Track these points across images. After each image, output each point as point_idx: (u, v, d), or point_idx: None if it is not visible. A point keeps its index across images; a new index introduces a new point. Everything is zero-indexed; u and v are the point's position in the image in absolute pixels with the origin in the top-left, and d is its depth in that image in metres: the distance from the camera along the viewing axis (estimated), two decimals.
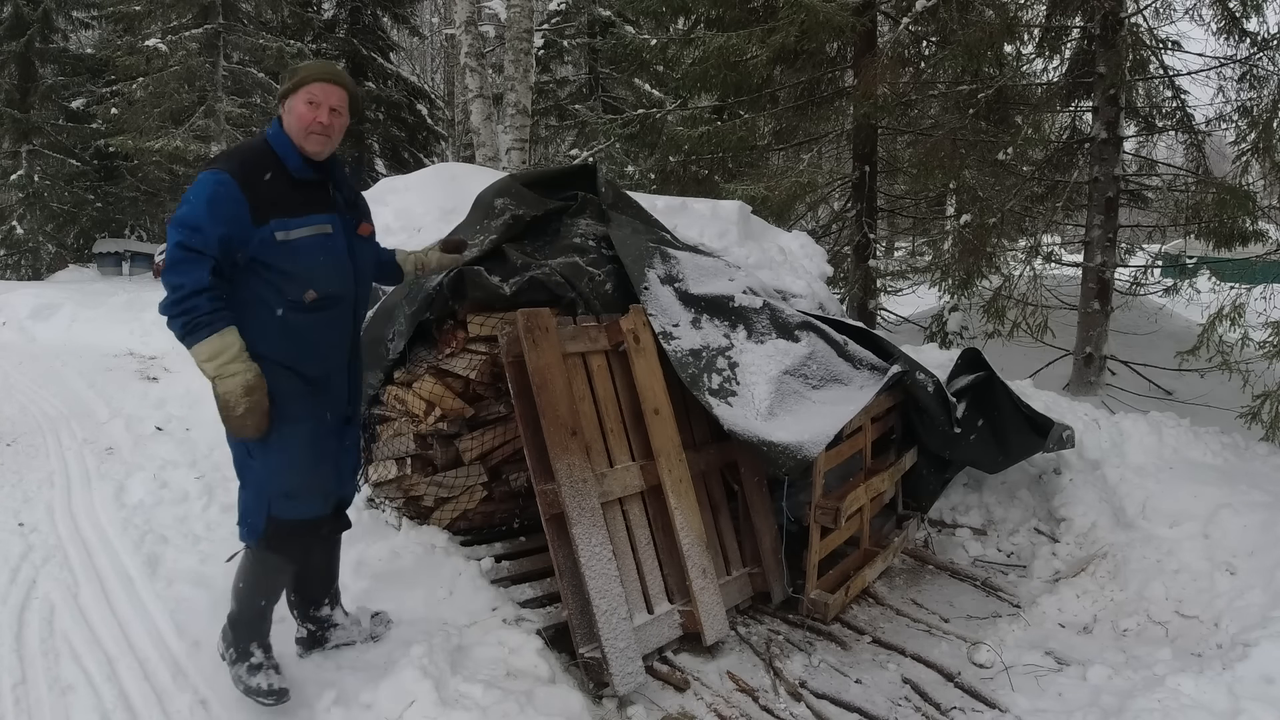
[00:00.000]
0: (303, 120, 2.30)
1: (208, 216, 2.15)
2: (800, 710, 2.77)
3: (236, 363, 2.17)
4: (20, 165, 16.42)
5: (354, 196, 2.56)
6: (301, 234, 2.29)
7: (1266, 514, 3.51)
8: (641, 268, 3.43)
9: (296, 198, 2.31)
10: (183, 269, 2.14)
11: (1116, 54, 6.34)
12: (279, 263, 2.26)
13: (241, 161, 2.27)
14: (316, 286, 2.32)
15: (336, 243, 2.38)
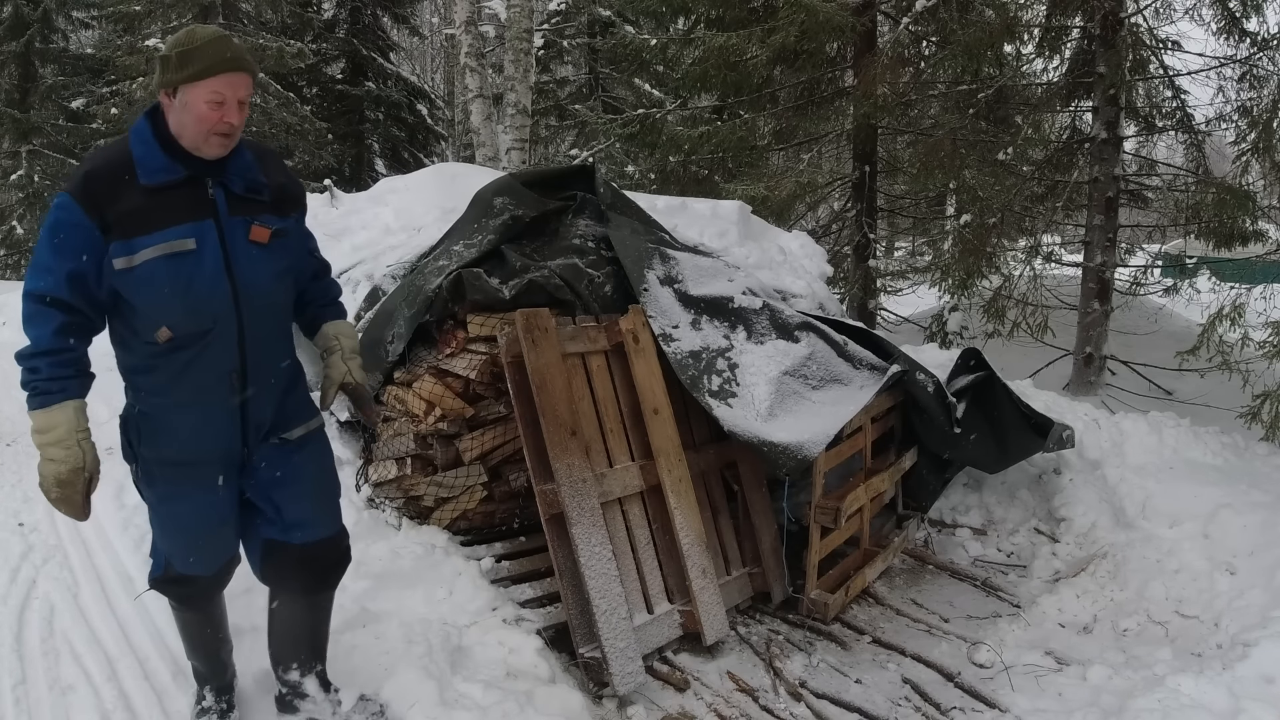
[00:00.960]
0: (205, 122, 1.86)
1: (50, 252, 1.83)
2: (800, 710, 2.77)
3: (57, 448, 1.87)
4: (20, 165, 16.41)
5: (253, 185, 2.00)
6: (145, 256, 1.84)
7: (1266, 514, 3.51)
8: (641, 269, 3.43)
9: (147, 210, 1.86)
10: (29, 323, 1.86)
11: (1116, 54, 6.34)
12: (126, 295, 1.87)
13: (86, 175, 1.86)
14: (171, 322, 1.89)
15: (201, 260, 1.89)
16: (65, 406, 1.88)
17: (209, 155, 1.91)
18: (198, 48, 1.85)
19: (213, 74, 1.85)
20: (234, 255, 1.95)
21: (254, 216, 1.99)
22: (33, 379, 1.86)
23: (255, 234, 1.99)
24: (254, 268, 1.98)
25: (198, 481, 2.06)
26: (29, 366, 1.86)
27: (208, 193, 1.93)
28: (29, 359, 1.86)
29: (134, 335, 1.93)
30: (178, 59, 1.85)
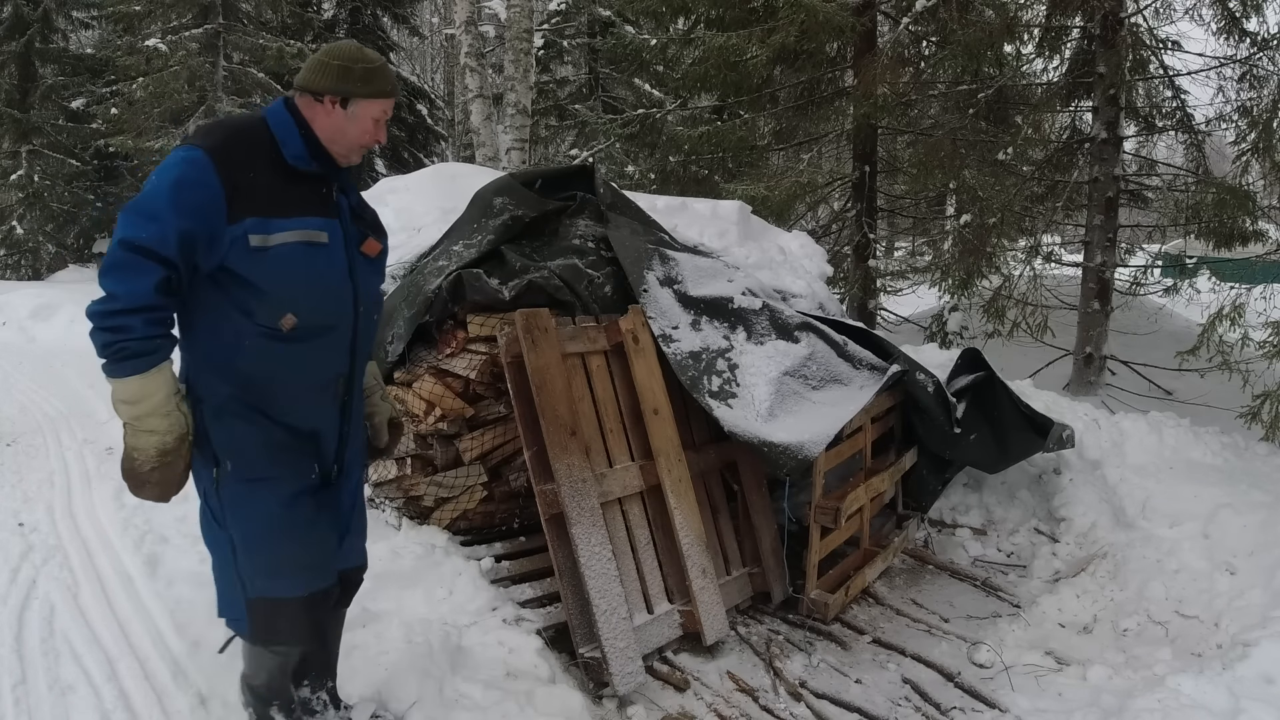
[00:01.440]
0: (366, 136, 1.92)
1: (169, 204, 1.67)
2: (800, 710, 2.77)
3: (157, 417, 1.71)
4: (20, 165, 16.42)
5: (361, 205, 2.06)
6: (284, 239, 1.79)
7: (1266, 514, 3.51)
8: (640, 270, 3.43)
9: (285, 192, 1.82)
10: (122, 274, 1.66)
11: (1116, 54, 6.34)
12: (251, 275, 1.76)
13: (226, 137, 1.78)
14: (299, 310, 1.82)
15: (333, 256, 1.88)
16: (161, 370, 1.71)
17: (347, 162, 1.95)
18: (378, 69, 1.91)
19: (385, 96, 1.92)
20: (353, 261, 1.95)
21: (365, 230, 2.03)
22: (122, 339, 1.65)
23: (368, 247, 2.01)
24: (367, 279, 2.00)
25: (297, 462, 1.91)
26: (117, 325, 1.65)
27: (333, 195, 1.93)
28: (117, 315, 1.65)
29: (246, 318, 1.79)
30: (362, 74, 1.88)
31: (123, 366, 1.67)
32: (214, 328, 1.81)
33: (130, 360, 1.67)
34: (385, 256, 2.12)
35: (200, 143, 1.75)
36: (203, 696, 2.47)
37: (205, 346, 1.82)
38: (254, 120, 1.91)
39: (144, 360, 1.68)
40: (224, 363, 1.82)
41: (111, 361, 1.67)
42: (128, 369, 1.67)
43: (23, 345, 8.68)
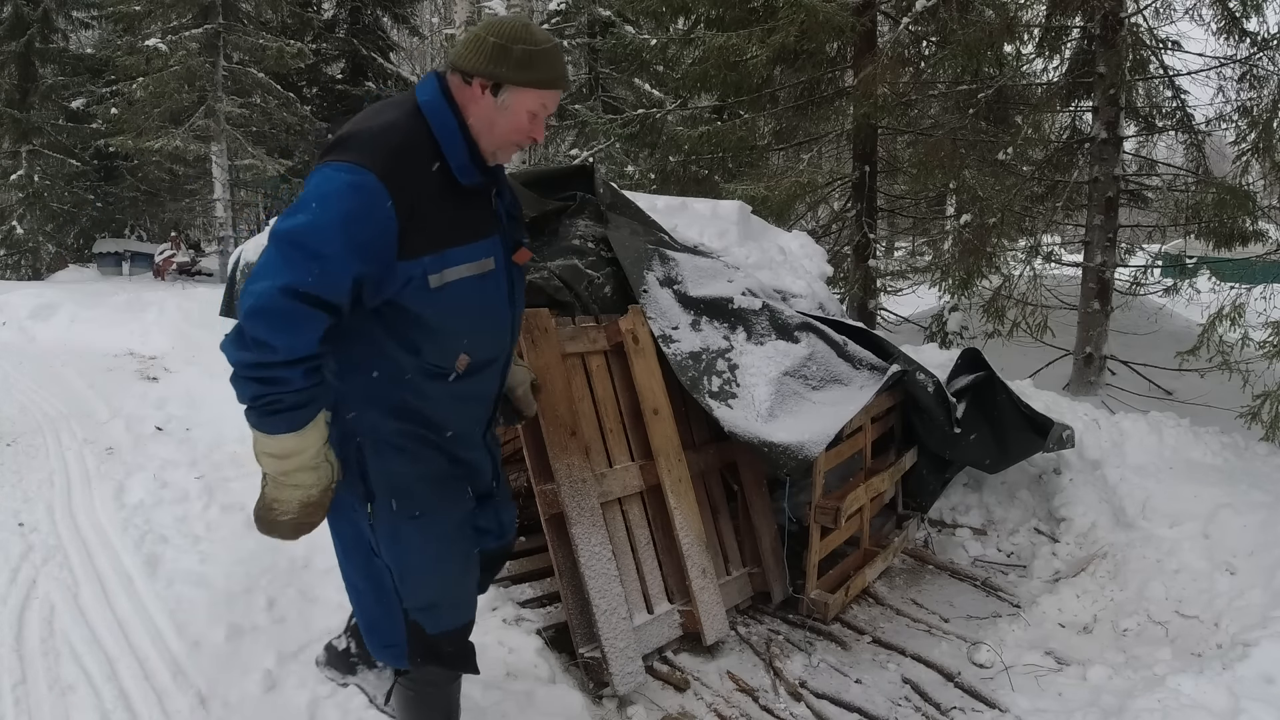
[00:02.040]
0: (518, 131, 1.64)
1: (341, 242, 1.43)
2: (800, 710, 2.77)
3: (305, 471, 1.54)
4: (20, 165, 16.42)
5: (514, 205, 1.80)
6: (458, 274, 1.58)
7: (1266, 514, 3.51)
8: (640, 270, 3.43)
9: (457, 215, 1.60)
10: (283, 323, 1.42)
11: (1116, 54, 6.34)
12: (423, 313, 1.57)
13: (394, 154, 1.51)
14: (471, 350, 1.66)
15: (498, 284, 1.69)
16: (317, 424, 1.53)
17: (496, 160, 1.69)
18: (542, 51, 1.61)
19: (547, 86, 1.63)
20: (513, 279, 1.75)
21: (518, 234, 1.79)
22: (279, 392, 1.45)
23: (520, 255, 1.77)
24: (520, 293, 1.80)
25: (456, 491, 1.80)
26: (273, 378, 1.44)
27: (493, 203, 1.71)
28: (274, 368, 1.43)
29: (412, 355, 1.62)
30: (520, 57, 1.58)
31: (275, 421, 1.48)
32: (375, 363, 1.63)
33: (285, 414, 1.47)
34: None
35: (368, 163, 1.48)
36: (203, 696, 2.48)
37: (364, 382, 1.64)
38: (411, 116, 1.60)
39: (300, 414, 1.49)
40: (385, 399, 1.65)
41: (262, 415, 1.47)
42: (281, 424, 1.48)
43: (23, 345, 8.68)
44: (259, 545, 3.29)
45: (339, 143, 1.56)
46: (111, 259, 17.57)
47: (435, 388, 1.66)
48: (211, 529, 3.51)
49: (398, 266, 1.51)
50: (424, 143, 1.58)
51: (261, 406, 1.46)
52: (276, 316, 1.41)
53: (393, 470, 1.69)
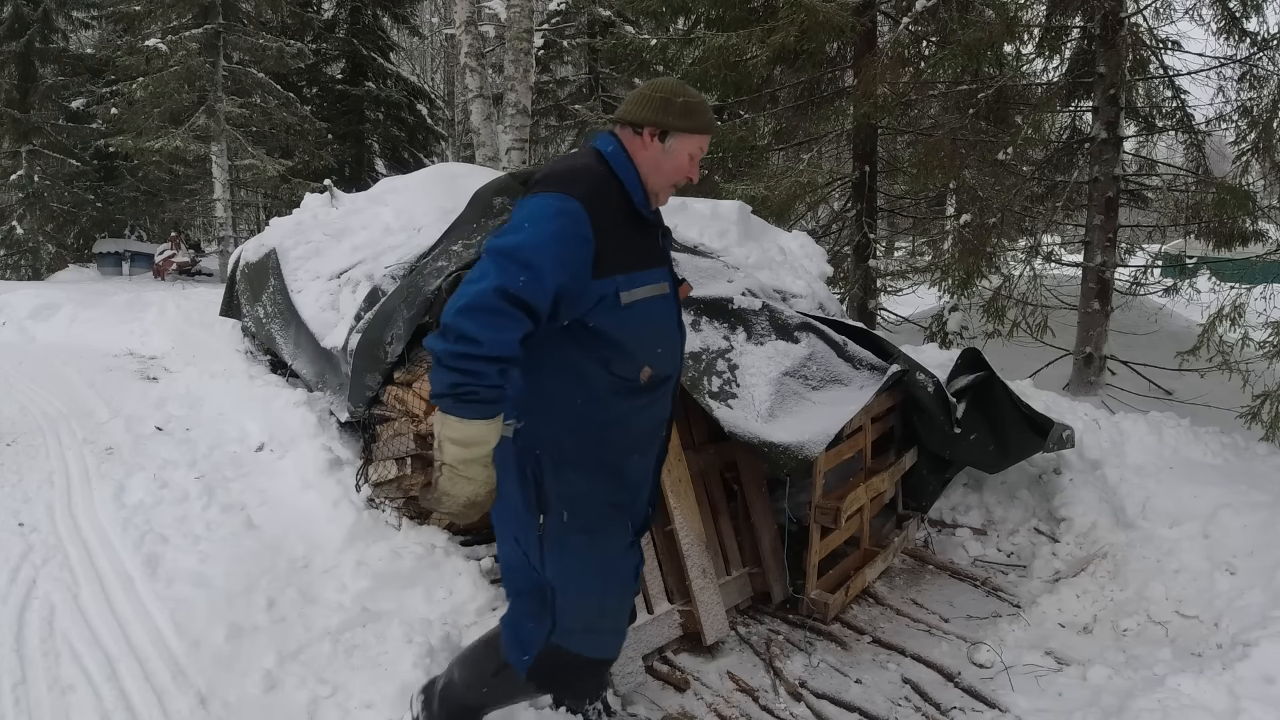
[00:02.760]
0: (679, 173, 1.87)
1: (550, 256, 1.63)
2: (800, 710, 2.77)
3: (480, 465, 1.66)
4: (20, 165, 16.43)
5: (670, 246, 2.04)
6: (643, 294, 1.79)
7: (1266, 514, 3.51)
8: None
9: (639, 244, 1.82)
10: (491, 320, 1.59)
11: (1116, 54, 6.34)
12: (615, 330, 1.75)
13: (593, 187, 1.75)
14: (653, 363, 1.83)
15: (670, 306, 1.89)
16: (495, 422, 1.67)
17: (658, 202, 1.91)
18: (698, 104, 1.89)
19: (704, 131, 1.88)
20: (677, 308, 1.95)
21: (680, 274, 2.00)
22: (475, 384, 1.60)
23: (683, 290, 1.98)
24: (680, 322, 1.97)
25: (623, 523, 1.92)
26: (473, 369, 1.58)
27: (659, 241, 1.93)
28: (475, 360, 1.58)
29: (602, 370, 1.77)
30: (682, 108, 1.85)
31: (469, 408, 1.62)
32: (563, 379, 1.78)
33: (477, 404, 1.62)
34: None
35: (573, 192, 1.70)
36: (203, 696, 2.48)
37: (551, 398, 1.78)
38: (598, 163, 1.84)
39: (490, 407, 1.63)
40: (571, 414, 1.79)
41: (457, 401, 1.61)
42: (473, 411, 1.62)
43: (23, 345, 8.68)
44: (259, 545, 3.29)
45: (541, 181, 1.79)
46: (111, 259, 17.58)
47: (620, 404, 1.82)
48: (211, 529, 3.51)
49: (592, 284, 1.71)
50: (611, 182, 1.82)
51: (460, 393, 1.60)
52: (486, 314, 1.59)
53: (573, 485, 1.82)
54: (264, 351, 5.19)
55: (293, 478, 3.75)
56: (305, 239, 4.83)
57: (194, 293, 11.10)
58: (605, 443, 1.83)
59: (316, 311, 4.15)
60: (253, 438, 4.23)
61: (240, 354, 5.34)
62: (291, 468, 3.81)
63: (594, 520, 1.84)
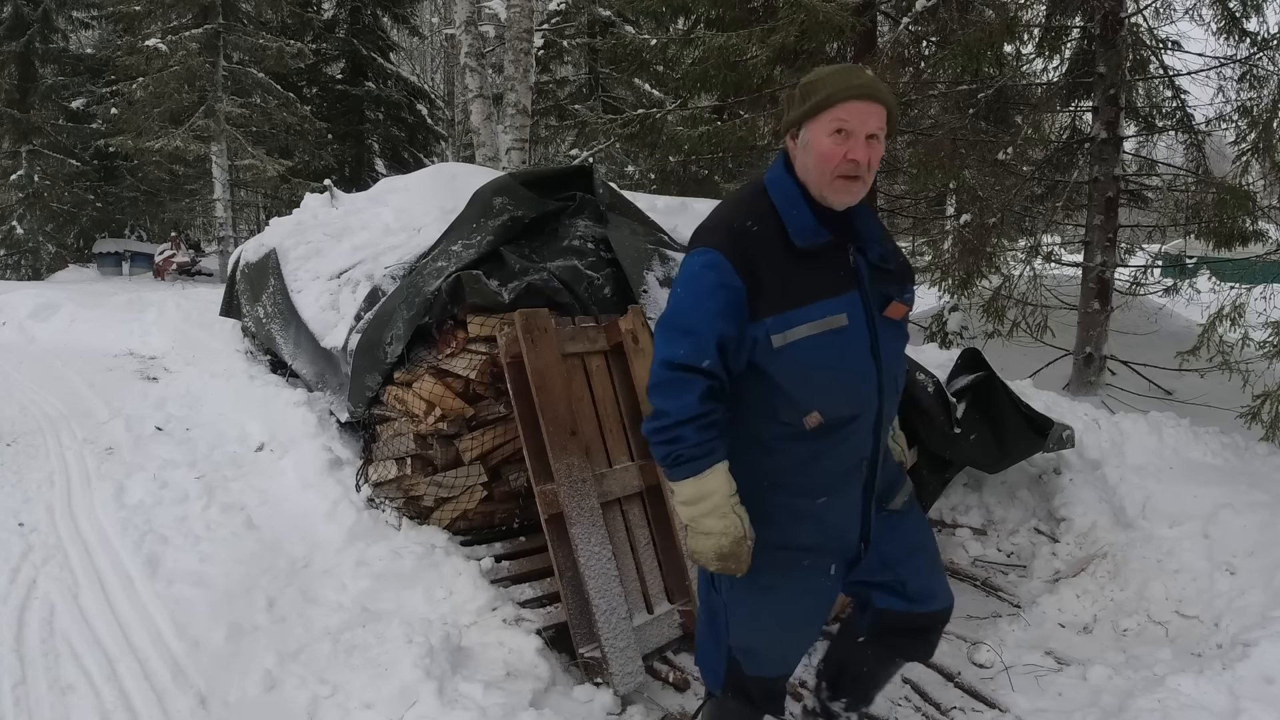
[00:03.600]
0: (827, 160, 1.66)
1: (700, 315, 1.66)
2: (800, 710, 2.76)
3: (713, 518, 1.68)
4: (20, 165, 16.44)
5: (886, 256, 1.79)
6: (800, 334, 1.68)
7: (1266, 514, 3.51)
8: (640, 270, 3.43)
9: (798, 278, 1.69)
10: (667, 391, 1.67)
11: (1116, 54, 6.34)
12: (775, 373, 1.70)
13: (729, 230, 1.71)
14: (822, 407, 1.72)
15: (854, 340, 1.71)
16: (716, 471, 1.69)
17: (835, 203, 1.71)
18: (821, 78, 1.68)
19: (834, 102, 1.65)
20: (876, 333, 1.74)
21: (889, 289, 1.78)
22: (676, 449, 1.68)
23: (892, 310, 1.77)
24: (892, 347, 1.78)
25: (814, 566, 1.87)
26: (672, 437, 1.67)
27: (849, 260, 1.74)
28: (670, 429, 1.67)
29: (770, 415, 1.75)
30: (800, 94, 1.70)
31: (679, 471, 1.70)
32: (742, 426, 1.78)
33: (685, 465, 1.68)
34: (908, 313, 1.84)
35: (711, 242, 1.71)
36: (203, 696, 2.48)
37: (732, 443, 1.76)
38: (753, 197, 1.76)
39: (698, 464, 1.68)
40: (747, 459, 1.77)
41: (670, 468, 1.71)
42: (683, 473, 1.69)
43: (23, 345, 8.67)
44: (259, 545, 3.29)
45: (696, 234, 1.80)
46: (111, 259, 17.57)
47: (794, 449, 1.76)
48: (211, 529, 3.51)
49: (749, 329, 1.69)
50: (765, 216, 1.73)
51: (669, 461, 1.70)
52: (664, 386, 1.69)
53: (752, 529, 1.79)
54: (264, 351, 5.19)
55: (293, 478, 3.75)
56: (305, 239, 4.82)
57: (194, 293, 11.11)
58: (784, 488, 1.79)
59: (316, 311, 4.15)
60: (253, 438, 4.22)
61: (240, 354, 5.34)
62: (291, 468, 3.81)
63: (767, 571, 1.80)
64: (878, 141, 1.68)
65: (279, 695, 2.51)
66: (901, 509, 1.99)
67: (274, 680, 2.56)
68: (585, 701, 2.65)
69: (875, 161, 1.68)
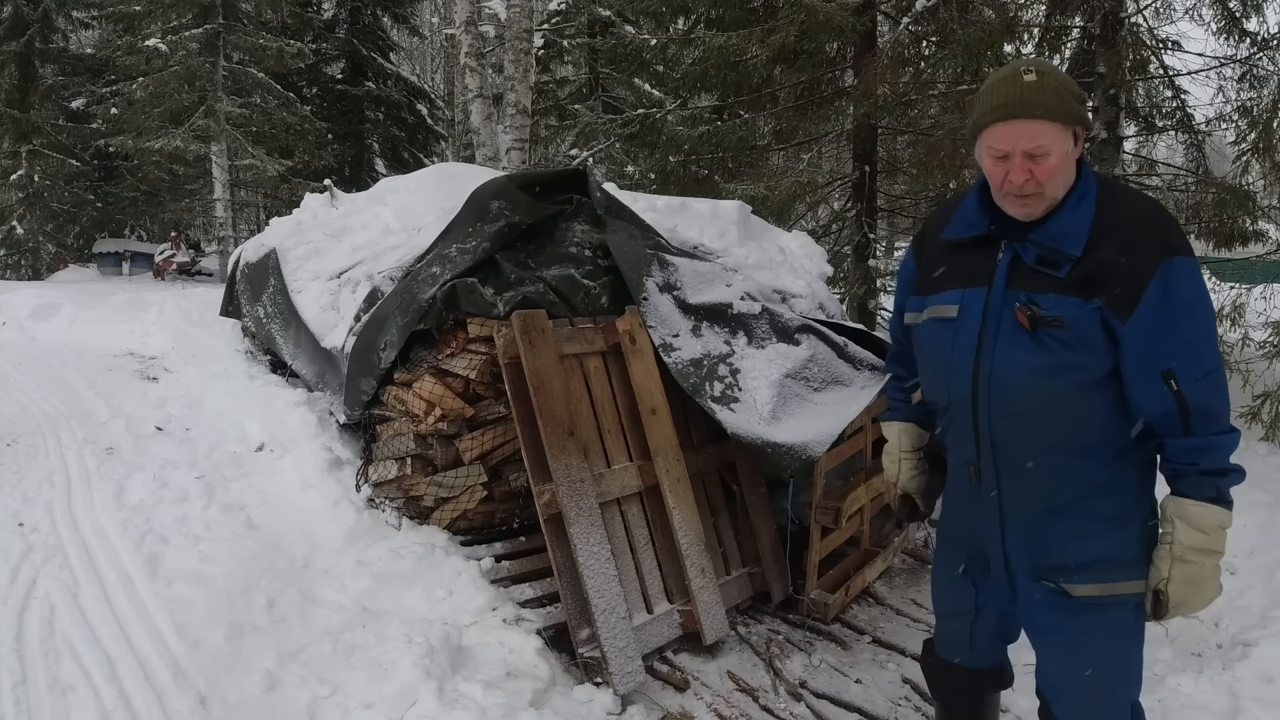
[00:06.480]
0: (993, 179, 1.63)
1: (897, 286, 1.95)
2: (800, 710, 2.77)
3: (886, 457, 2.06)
4: (20, 165, 16.43)
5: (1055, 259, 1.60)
6: (926, 315, 1.77)
7: (1267, 514, 3.51)
8: (640, 276, 3.41)
9: (940, 267, 1.76)
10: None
11: (1116, 54, 6.33)
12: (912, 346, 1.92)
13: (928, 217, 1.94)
14: (924, 387, 1.90)
15: (958, 333, 1.68)
16: (891, 426, 2.04)
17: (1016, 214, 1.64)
18: (980, 93, 1.64)
19: (983, 126, 1.62)
20: (992, 333, 1.64)
21: (1030, 294, 1.60)
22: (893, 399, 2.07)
23: (1019, 316, 1.62)
24: (1009, 353, 1.62)
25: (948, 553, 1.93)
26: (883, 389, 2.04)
27: (997, 256, 1.66)
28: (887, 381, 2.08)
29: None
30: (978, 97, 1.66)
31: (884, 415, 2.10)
32: None
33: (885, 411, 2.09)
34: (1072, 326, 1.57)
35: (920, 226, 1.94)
36: (203, 696, 2.48)
37: None
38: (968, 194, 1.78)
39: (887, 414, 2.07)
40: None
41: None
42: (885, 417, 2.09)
43: (23, 345, 8.67)
44: (259, 545, 3.30)
45: None
46: (111, 259, 17.57)
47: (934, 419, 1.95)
48: (211, 529, 3.51)
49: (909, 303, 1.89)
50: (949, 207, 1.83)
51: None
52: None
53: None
54: (264, 351, 5.19)
55: (293, 478, 3.75)
56: (305, 239, 4.82)
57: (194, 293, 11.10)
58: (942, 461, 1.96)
59: (316, 312, 4.15)
60: (253, 438, 4.23)
61: (240, 354, 5.34)
62: (291, 468, 3.81)
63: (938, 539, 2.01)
64: (1041, 158, 1.56)
65: (279, 695, 2.51)
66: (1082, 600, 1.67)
67: (274, 680, 2.56)
68: (585, 701, 2.65)
69: (1045, 175, 1.57)
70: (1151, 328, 1.53)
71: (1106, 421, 1.62)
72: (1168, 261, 1.53)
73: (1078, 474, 1.65)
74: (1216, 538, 1.56)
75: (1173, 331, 1.53)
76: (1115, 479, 1.64)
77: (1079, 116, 1.59)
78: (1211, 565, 1.57)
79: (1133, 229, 1.57)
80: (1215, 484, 1.56)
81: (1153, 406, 1.56)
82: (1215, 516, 1.55)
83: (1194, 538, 1.56)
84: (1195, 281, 1.56)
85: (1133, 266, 1.53)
